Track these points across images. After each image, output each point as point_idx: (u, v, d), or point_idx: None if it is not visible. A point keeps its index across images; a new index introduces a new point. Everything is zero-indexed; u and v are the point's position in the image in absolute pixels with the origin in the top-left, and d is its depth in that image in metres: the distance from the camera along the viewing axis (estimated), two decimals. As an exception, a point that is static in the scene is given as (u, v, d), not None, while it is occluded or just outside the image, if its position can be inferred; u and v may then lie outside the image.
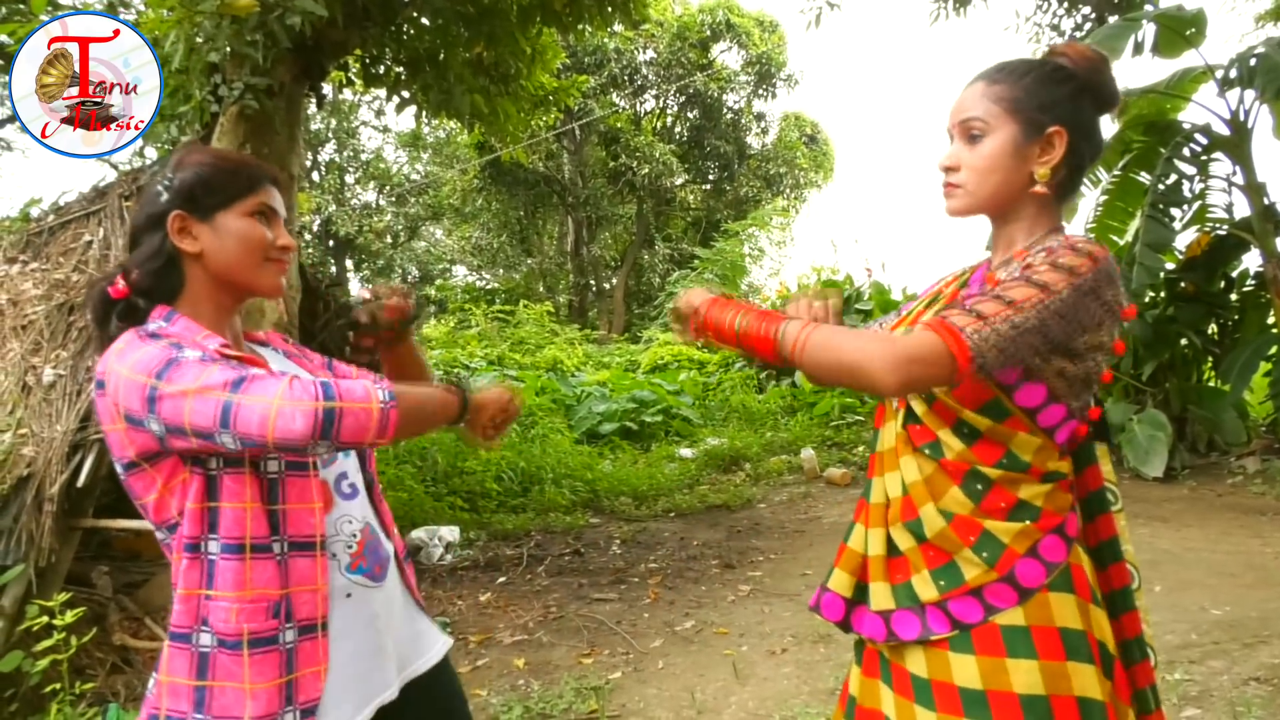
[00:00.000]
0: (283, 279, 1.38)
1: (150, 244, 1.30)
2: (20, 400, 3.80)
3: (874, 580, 1.28)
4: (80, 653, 3.21)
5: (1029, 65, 1.29)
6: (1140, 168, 7.20)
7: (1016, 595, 1.18)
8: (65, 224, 4.57)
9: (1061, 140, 1.25)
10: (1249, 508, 5.64)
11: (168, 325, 1.27)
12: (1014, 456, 1.20)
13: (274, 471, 1.24)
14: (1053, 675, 1.15)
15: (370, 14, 4.50)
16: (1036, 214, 1.29)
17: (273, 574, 1.22)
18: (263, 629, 1.21)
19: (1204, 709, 3.00)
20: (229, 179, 1.32)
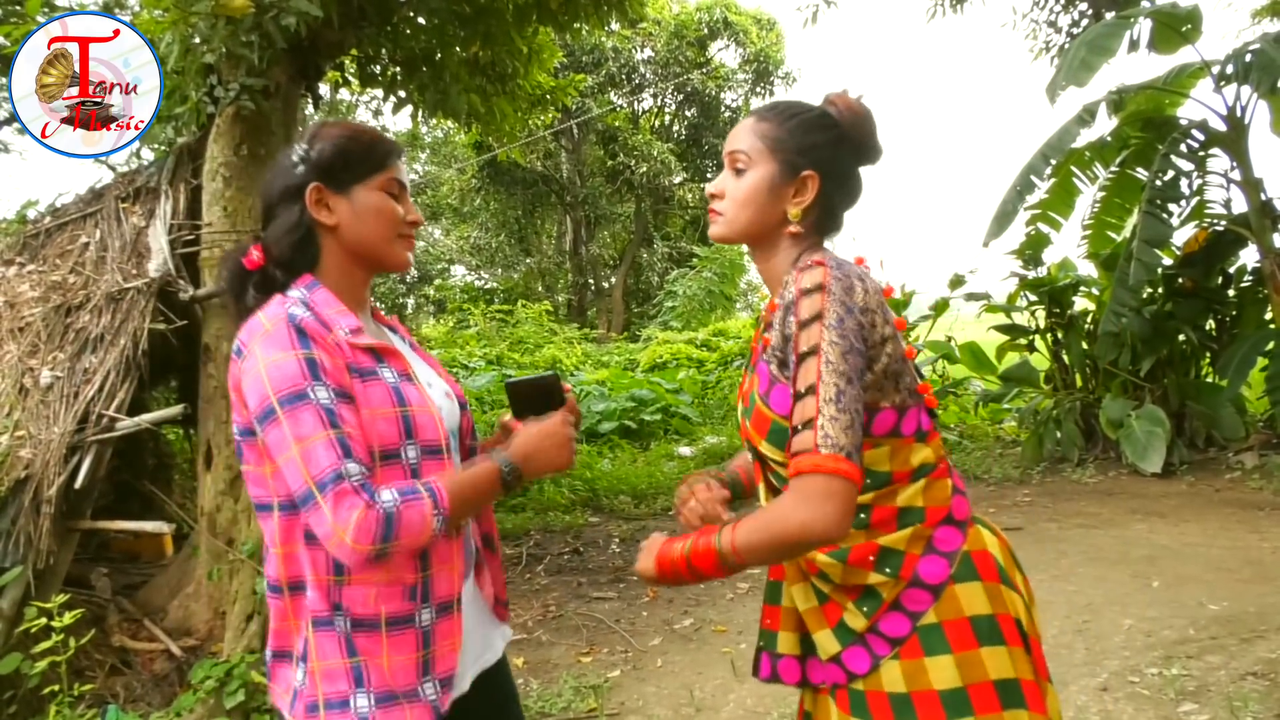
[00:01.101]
0: (410, 255, 1.40)
1: (288, 216, 1.31)
2: (18, 402, 3.80)
3: (815, 631, 1.31)
4: (79, 654, 3.21)
5: (797, 109, 1.34)
6: (1137, 164, 7.20)
7: (930, 595, 1.22)
8: (62, 226, 4.57)
9: (814, 183, 1.30)
10: (1247, 503, 5.64)
11: (309, 295, 1.29)
12: (873, 473, 1.24)
13: (412, 459, 1.26)
14: (968, 665, 1.19)
15: (366, 14, 4.49)
16: (790, 249, 1.33)
17: (411, 559, 1.25)
18: (399, 611, 1.24)
19: (1201, 704, 3.00)
20: (365, 153, 1.33)
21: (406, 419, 1.26)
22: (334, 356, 1.21)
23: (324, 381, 1.17)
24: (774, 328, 1.24)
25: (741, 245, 1.39)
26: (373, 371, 1.26)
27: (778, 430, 1.23)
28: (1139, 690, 3.15)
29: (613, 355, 15.43)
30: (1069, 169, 7.44)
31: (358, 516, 1.12)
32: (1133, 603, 4.01)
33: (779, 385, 1.23)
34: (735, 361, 12.87)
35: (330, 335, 1.22)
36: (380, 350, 1.29)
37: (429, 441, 1.28)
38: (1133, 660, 3.40)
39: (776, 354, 1.23)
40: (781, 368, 1.22)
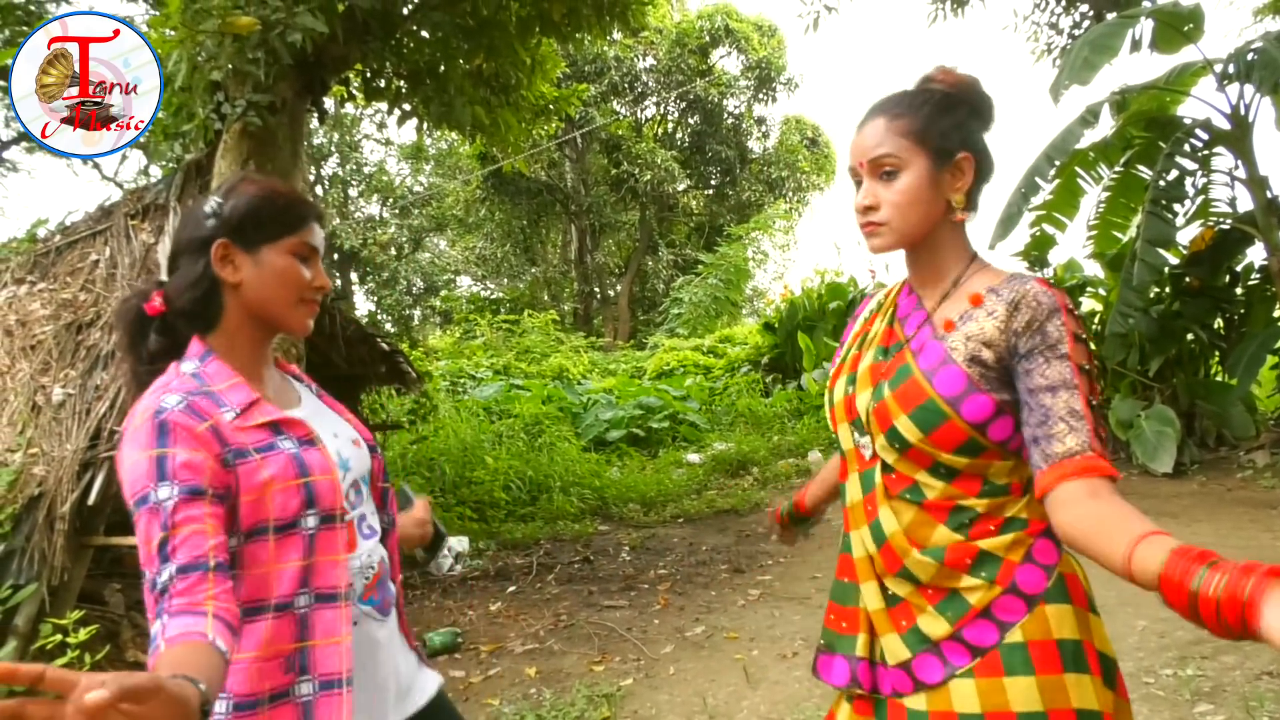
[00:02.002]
0: (310, 321, 1.37)
1: (192, 269, 1.30)
2: (30, 420, 3.82)
3: (882, 634, 1.27)
4: (94, 670, 3.23)
5: (921, 96, 1.31)
6: (1141, 164, 7.19)
7: (1024, 604, 1.19)
8: (72, 244, 4.60)
9: (969, 165, 1.28)
10: (1259, 501, 5.62)
11: (202, 367, 1.27)
12: (992, 484, 1.23)
13: (310, 528, 1.24)
14: (1050, 689, 1.15)
15: (370, 28, 4.52)
16: (954, 241, 1.31)
17: (289, 629, 1.22)
18: (278, 684, 1.21)
19: (1217, 704, 2.99)
20: (278, 214, 1.32)
21: (309, 489, 1.24)
22: (197, 449, 1.18)
23: (167, 480, 1.14)
24: (975, 319, 1.23)
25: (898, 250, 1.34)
26: (270, 445, 1.24)
27: (929, 410, 1.21)
28: (1154, 691, 3.14)
29: (619, 363, 15.44)
30: (1073, 170, 7.44)
31: (150, 619, 1.09)
32: (1146, 604, 3.99)
33: (952, 368, 1.21)
34: (742, 368, 12.86)
35: (203, 424, 1.19)
36: (278, 423, 1.27)
37: (327, 510, 1.26)
38: (1147, 661, 3.39)
39: (978, 344, 1.21)
40: (974, 359, 1.21)
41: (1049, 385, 1.15)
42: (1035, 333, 1.18)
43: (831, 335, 11.54)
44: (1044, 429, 1.15)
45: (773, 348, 12.53)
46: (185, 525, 1.12)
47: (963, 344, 1.22)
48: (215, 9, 3.50)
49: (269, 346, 1.38)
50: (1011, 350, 1.19)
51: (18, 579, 3.43)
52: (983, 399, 1.19)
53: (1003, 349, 1.20)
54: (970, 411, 1.19)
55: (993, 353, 1.20)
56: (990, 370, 1.20)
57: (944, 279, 1.31)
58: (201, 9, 3.52)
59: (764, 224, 20.72)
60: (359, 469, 1.38)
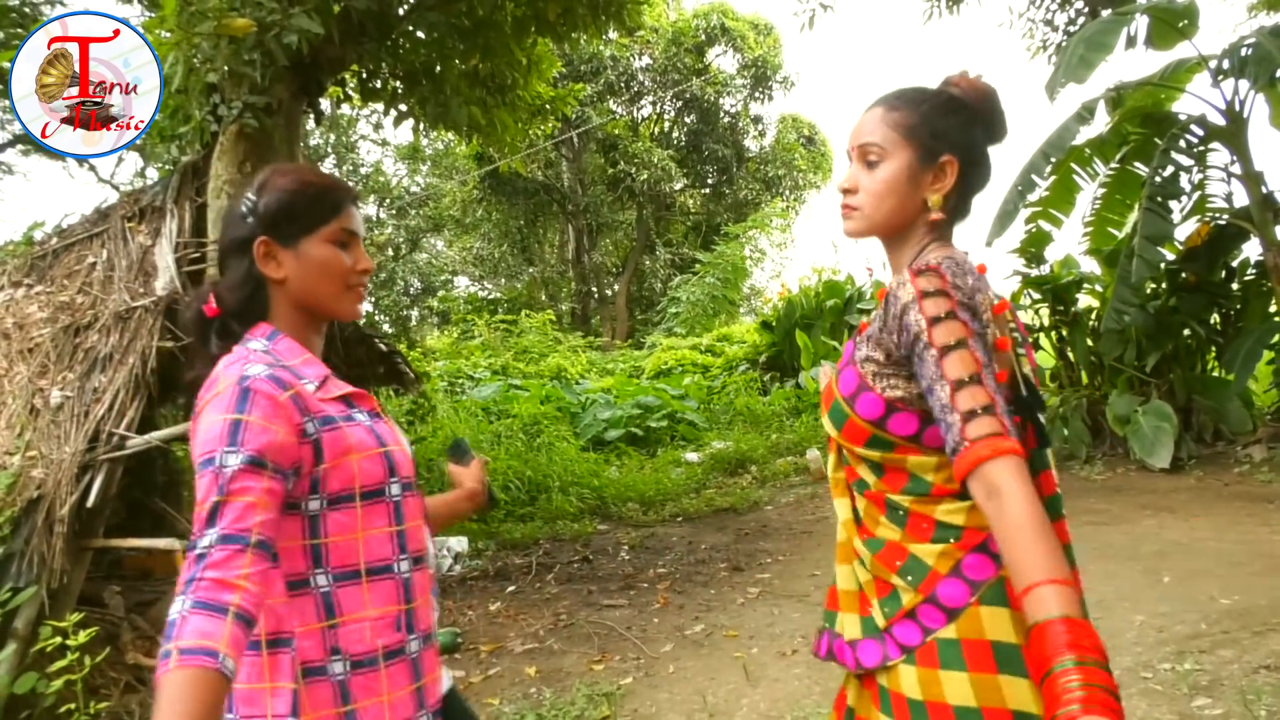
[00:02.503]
0: (360, 305, 1.40)
1: (237, 269, 1.32)
2: (28, 423, 3.82)
3: (846, 612, 1.32)
4: (94, 672, 3.23)
5: (925, 94, 1.32)
6: (1137, 160, 7.20)
7: (944, 616, 1.20)
8: (69, 246, 4.60)
9: (953, 169, 1.28)
10: (1256, 496, 5.63)
11: (272, 345, 1.29)
12: (916, 479, 1.24)
13: (396, 495, 1.29)
14: (984, 687, 1.16)
15: (366, 30, 4.53)
16: (925, 237, 1.31)
17: (394, 591, 1.27)
18: (394, 642, 1.26)
19: (1214, 698, 3.00)
20: (312, 204, 1.32)
21: (389, 457, 1.28)
22: (275, 418, 1.18)
23: (237, 446, 1.15)
24: (875, 317, 1.25)
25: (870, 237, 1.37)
26: (348, 416, 1.27)
27: (836, 408, 1.28)
28: (1152, 686, 3.15)
29: (617, 363, 15.45)
30: (1069, 166, 7.44)
31: (179, 584, 1.10)
32: (1144, 598, 4.01)
33: (850, 369, 1.27)
34: (740, 366, 12.87)
35: (286, 393, 1.21)
36: (352, 396, 1.31)
37: (407, 478, 1.31)
38: (1145, 656, 3.40)
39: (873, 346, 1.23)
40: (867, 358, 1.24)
41: (927, 387, 1.15)
42: (901, 330, 1.18)
43: (829, 333, 11.55)
44: (942, 428, 1.13)
45: (770, 346, 12.54)
46: (240, 495, 1.14)
47: (864, 342, 1.26)
48: (211, 11, 3.51)
49: (320, 336, 1.39)
50: (897, 349, 1.20)
51: (17, 582, 3.43)
52: (871, 397, 1.23)
53: (889, 345, 1.21)
54: (863, 409, 1.23)
55: (881, 350, 1.22)
56: (885, 367, 1.22)
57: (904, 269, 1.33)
58: (197, 11, 3.52)
59: (761, 222, 20.74)
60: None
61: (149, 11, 4.45)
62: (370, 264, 1.38)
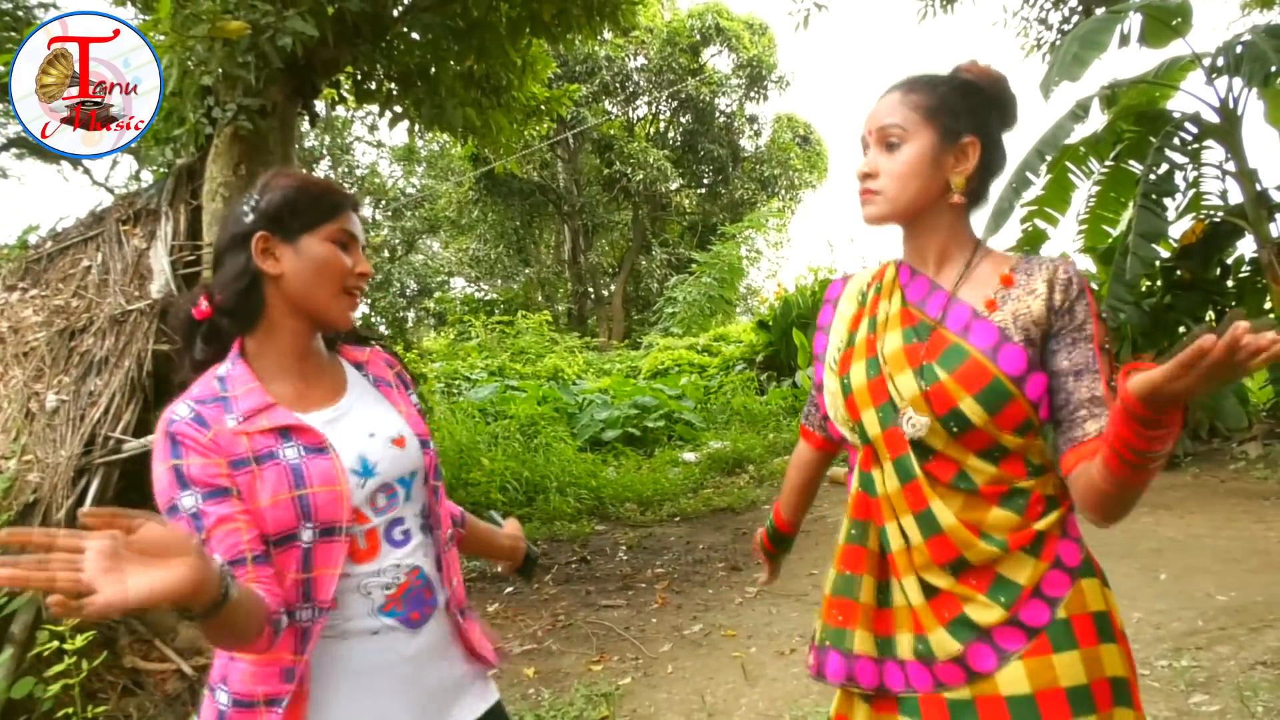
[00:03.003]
0: (353, 312, 1.37)
1: (234, 264, 1.30)
2: (24, 427, 3.81)
3: (930, 631, 1.24)
4: (91, 676, 3.22)
5: (941, 78, 1.33)
6: (1132, 158, 7.21)
7: (1068, 578, 1.22)
8: (63, 250, 4.59)
9: (975, 150, 1.28)
10: (1252, 493, 5.65)
11: (230, 370, 1.29)
12: (1031, 464, 1.26)
13: (307, 541, 1.24)
14: (1091, 660, 1.18)
15: (360, 31, 4.52)
16: (953, 223, 1.31)
17: (288, 640, 1.23)
18: (275, 691, 1.23)
19: (1211, 694, 3.00)
20: (314, 202, 1.32)
21: (303, 501, 1.22)
22: (209, 455, 1.21)
23: (189, 489, 1.19)
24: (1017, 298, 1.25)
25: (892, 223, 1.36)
26: (270, 454, 1.23)
27: (998, 390, 1.20)
28: (1149, 682, 3.16)
29: (614, 363, 15.44)
30: (1064, 164, 7.46)
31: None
32: (1141, 595, 4.02)
33: (1012, 347, 1.22)
34: (737, 366, 12.87)
35: (208, 434, 1.22)
36: (287, 429, 1.26)
37: (326, 522, 1.23)
38: (1142, 653, 3.41)
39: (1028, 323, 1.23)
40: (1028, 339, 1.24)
41: (1074, 369, 1.19)
42: (1067, 313, 1.22)
43: (826, 332, 11.54)
44: (1067, 412, 1.20)
45: (767, 345, 12.55)
46: (219, 526, 1.17)
47: (1012, 322, 1.23)
48: (205, 14, 3.50)
49: (312, 341, 1.36)
50: (1051, 327, 1.23)
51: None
52: (1040, 377, 1.23)
53: (1045, 327, 1.23)
54: (1032, 390, 1.22)
55: (1039, 330, 1.23)
56: (1036, 349, 1.24)
57: (951, 259, 1.32)
58: (191, 14, 3.51)
59: (757, 222, 20.74)
60: (395, 470, 1.33)
61: (143, 14, 4.44)
62: (369, 269, 1.36)
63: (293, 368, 1.33)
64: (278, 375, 1.31)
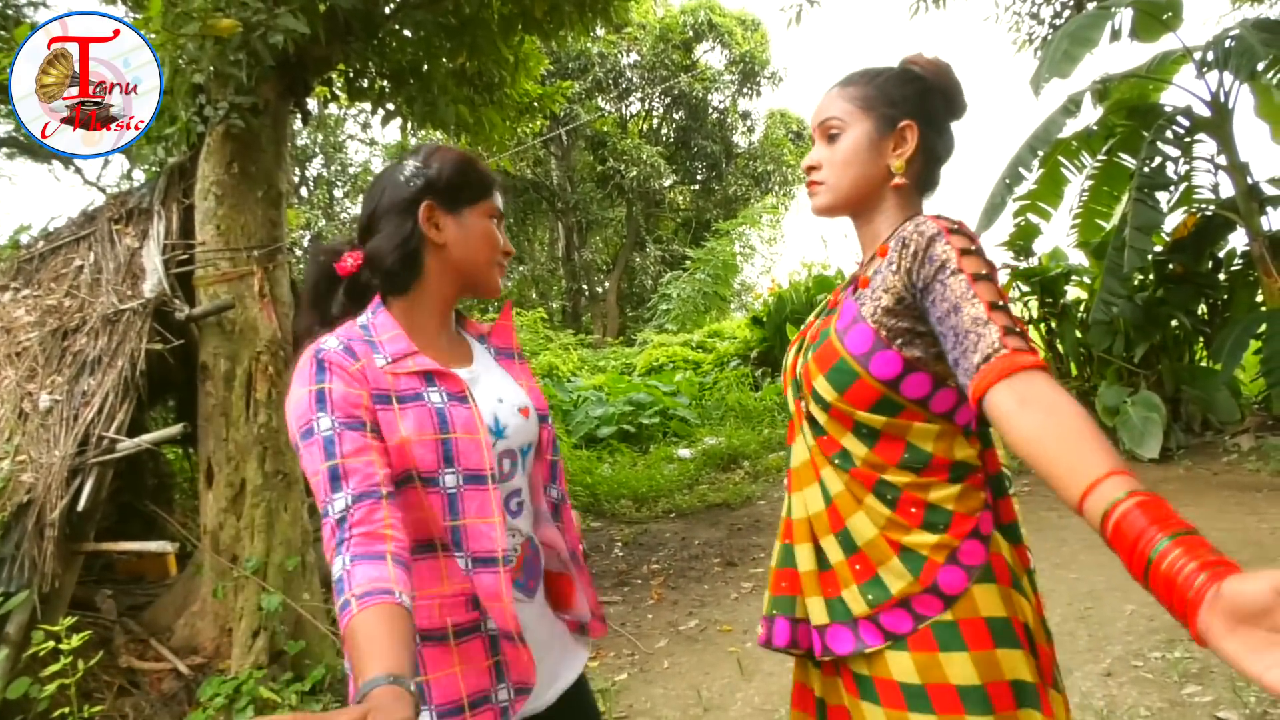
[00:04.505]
0: (500, 281, 1.42)
1: (398, 228, 1.33)
2: (17, 427, 3.80)
3: (808, 595, 1.30)
4: (87, 676, 3.22)
5: (881, 70, 1.36)
6: (1124, 152, 7.24)
7: (942, 603, 1.20)
8: (55, 249, 4.57)
9: (913, 133, 1.30)
10: (1244, 485, 5.68)
11: (372, 318, 1.31)
12: (915, 449, 1.22)
13: (451, 486, 1.25)
14: (985, 664, 1.18)
15: (352, 29, 4.50)
16: (894, 207, 1.32)
17: (462, 577, 1.25)
18: (465, 620, 1.24)
19: (1204, 685, 3.02)
20: (477, 178, 1.37)
21: (447, 445, 1.24)
22: (354, 385, 1.22)
23: (328, 412, 1.19)
24: (880, 271, 1.23)
25: (839, 214, 1.37)
26: (416, 395, 1.25)
27: (840, 369, 1.23)
28: (1142, 674, 3.18)
29: (609, 360, 15.44)
30: (1056, 159, 7.48)
31: (330, 550, 1.13)
32: (1134, 588, 4.02)
33: (861, 326, 1.22)
34: (731, 362, 12.89)
35: (356, 364, 1.23)
36: (431, 373, 1.28)
37: (471, 469, 1.25)
38: (1135, 645, 3.43)
39: (880, 294, 1.21)
40: (880, 311, 1.20)
41: (951, 306, 1.13)
42: (923, 262, 1.17)
43: (820, 328, 11.56)
44: (959, 349, 1.11)
45: (761, 341, 12.56)
46: (356, 455, 1.17)
47: (869, 298, 1.23)
48: (196, 12, 3.48)
49: (453, 306, 1.42)
50: (911, 289, 1.18)
51: (8, 586, 3.42)
52: (890, 355, 1.20)
53: (901, 290, 1.19)
54: (879, 368, 1.20)
55: (892, 298, 1.20)
56: (899, 319, 1.19)
57: (877, 242, 1.33)
58: (182, 12, 3.50)
59: (751, 218, 20.73)
60: (518, 439, 1.36)
61: (134, 13, 4.42)
62: (511, 248, 1.43)
63: (435, 330, 1.37)
64: (420, 335, 1.34)
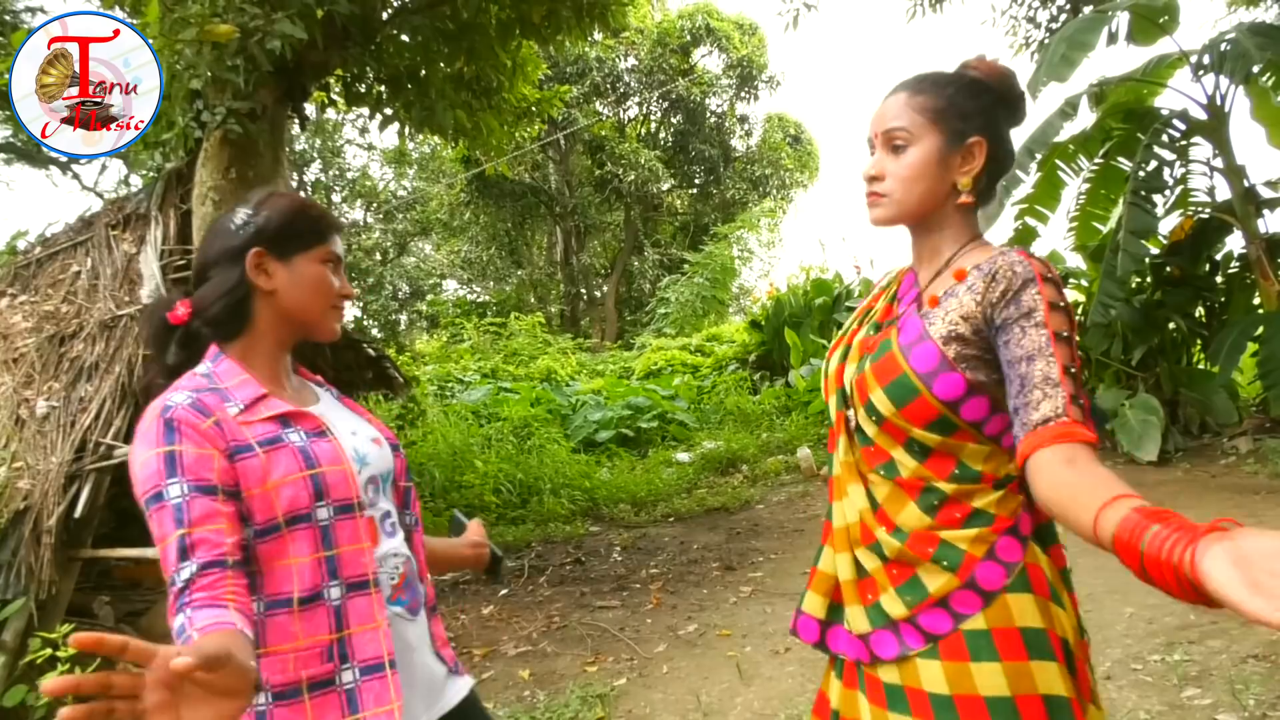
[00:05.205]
0: (338, 325, 1.43)
1: (226, 277, 1.33)
2: (14, 433, 3.80)
3: (849, 604, 1.30)
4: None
5: (949, 77, 1.32)
6: (1121, 155, 7.25)
7: (980, 600, 1.20)
8: (53, 255, 4.57)
9: (982, 150, 1.28)
10: (1243, 487, 5.67)
11: (214, 367, 1.31)
12: (965, 467, 1.23)
13: (324, 519, 1.26)
14: (1016, 675, 1.16)
15: (350, 34, 4.51)
16: (959, 224, 1.31)
17: (324, 620, 1.23)
18: (318, 673, 1.22)
19: (1204, 688, 3.02)
20: (309, 225, 1.38)
21: (317, 480, 1.25)
22: (205, 445, 1.20)
23: (179, 477, 1.17)
24: (955, 294, 1.23)
25: (899, 225, 1.35)
26: (276, 439, 1.26)
27: (902, 385, 1.22)
28: (1142, 677, 3.17)
29: (607, 364, 15.43)
30: (1053, 162, 7.49)
31: (172, 614, 1.11)
32: (1133, 591, 4.03)
33: (928, 344, 1.21)
34: (730, 366, 12.89)
35: (208, 420, 1.21)
36: (286, 416, 1.29)
37: (340, 499, 1.27)
38: (1135, 648, 3.42)
39: (956, 318, 1.21)
40: (952, 335, 1.20)
41: (1025, 355, 1.14)
42: (1010, 303, 1.17)
43: (818, 331, 11.57)
44: (1021, 398, 1.14)
45: (760, 345, 12.56)
46: (203, 523, 1.15)
47: (942, 320, 1.23)
48: (193, 17, 3.49)
49: (288, 352, 1.42)
50: (989, 322, 1.19)
51: (5, 593, 3.41)
52: (954, 377, 1.20)
53: (980, 321, 1.20)
54: (942, 389, 1.20)
55: (969, 326, 1.20)
56: (969, 346, 1.20)
57: (940, 258, 1.32)
58: (180, 18, 3.50)
59: (749, 222, 20.74)
60: (378, 466, 1.39)
61: (131, 18, 4.43)
62: (351, 291, 1.44)
63: (274, 374, 1.38)
64: (262, 380, 1.34)
